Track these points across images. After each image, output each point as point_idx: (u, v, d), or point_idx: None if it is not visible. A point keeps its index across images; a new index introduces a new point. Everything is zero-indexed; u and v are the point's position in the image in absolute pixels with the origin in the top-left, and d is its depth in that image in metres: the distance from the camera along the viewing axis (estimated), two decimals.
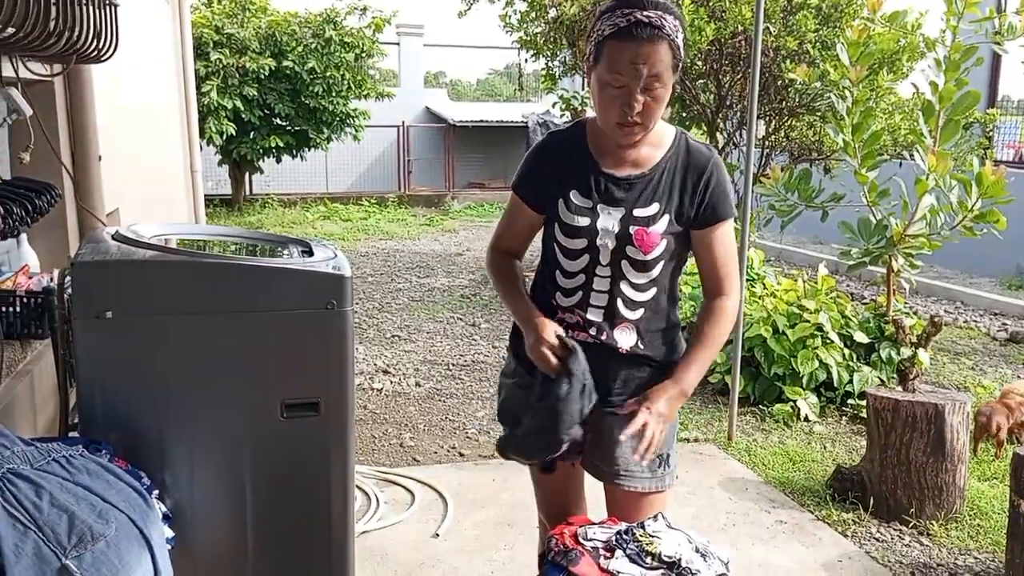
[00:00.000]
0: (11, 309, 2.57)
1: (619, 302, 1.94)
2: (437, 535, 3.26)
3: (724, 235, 1.96)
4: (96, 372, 2.00)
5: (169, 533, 1.92)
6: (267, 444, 2.14)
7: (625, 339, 1.95)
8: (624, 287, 1.93)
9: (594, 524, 1.90)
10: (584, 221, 1.91)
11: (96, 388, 2.00)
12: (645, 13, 1.75)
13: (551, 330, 1.90)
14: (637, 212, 1.90)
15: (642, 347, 1.97)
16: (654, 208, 1.90)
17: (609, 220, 1.90)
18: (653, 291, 1.95)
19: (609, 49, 1.78)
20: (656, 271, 1.93)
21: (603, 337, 1.95)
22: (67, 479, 1.69)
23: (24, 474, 1.63)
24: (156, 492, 1.95)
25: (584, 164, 1.95)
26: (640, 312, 1.96)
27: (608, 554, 1.77)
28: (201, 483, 2.11)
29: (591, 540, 1.81)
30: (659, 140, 1.94)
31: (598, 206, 1.91)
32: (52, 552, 1.54)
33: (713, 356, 1.98)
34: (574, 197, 1.93)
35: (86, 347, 1.98)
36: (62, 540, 1.56)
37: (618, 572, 1.71)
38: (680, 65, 1.83)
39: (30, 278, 2.72)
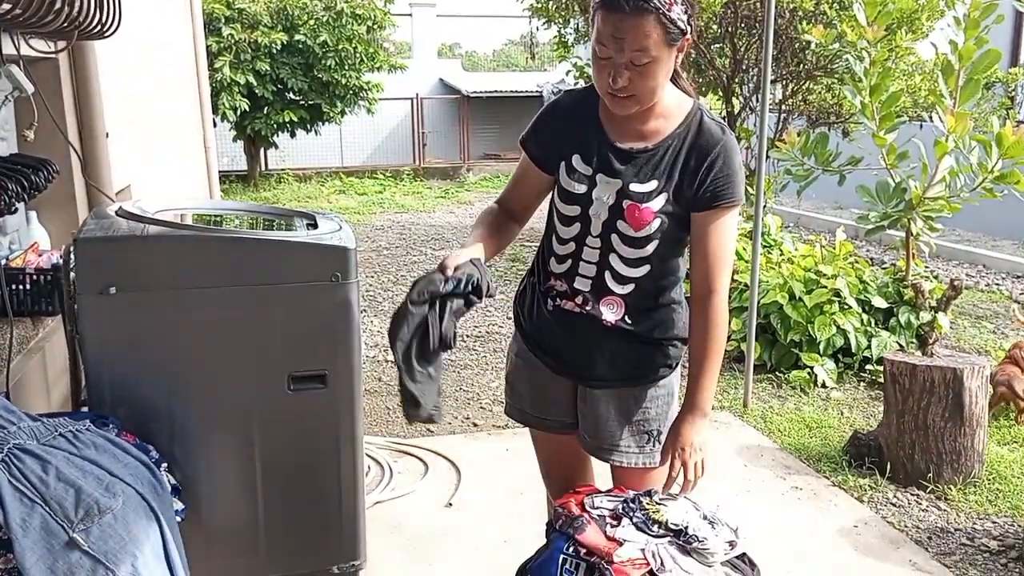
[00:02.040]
0: (21, 287, 2.59)
1: (607, 275, 1.89)
2: (450, 504, 3.28)
3: (722, 224, 1.86)
4: (103, 347, 2.01)
5: (179, 505, 1.94)
6: (275, 416, 2.15)
7: (611, 313, 1.90)
8: (614, 261, 1.87)
9: (601, 493, 1.89)
10: (581, 188, 1.87)
11: (103, 363, 2.01)
12: None
13: (454, 261, 1.77)
14: (633, 187, 1.83)
15: (629, 322, 1.91)
16: (652, 185, 1.83)
17: (605, 191, 1.85)
18: (646, 268, 1.89)
19: (597, 19, 1.72)
20: (649, 249, 1.86)
21: (588, 308, 1.90)
22: (74, 454, 1.70)
23: (30, 449, 1.64)
24: (165, 465, 1.96)
25: (591, 130, 1.90)
26: (630, 288, 1.90)
27: (615, 522, 1.76)
28: (210, 456, 2.12)
29: (598, 508, 1.81)
30: (671, 112, 1.86)
31: (597, 175, 1.86)
32: (59, 526, 1.55)
33: (718, 364, 1.92)
34: (575, 162, 1.88)
35: (92, 323, 1.99)
36: (69, 514, 1.57)
37: (624, 540, 1.70)
38: (681, 37, 1.73)
39: (40, 256, 2.74)
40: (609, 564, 1.67)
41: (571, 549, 1.74)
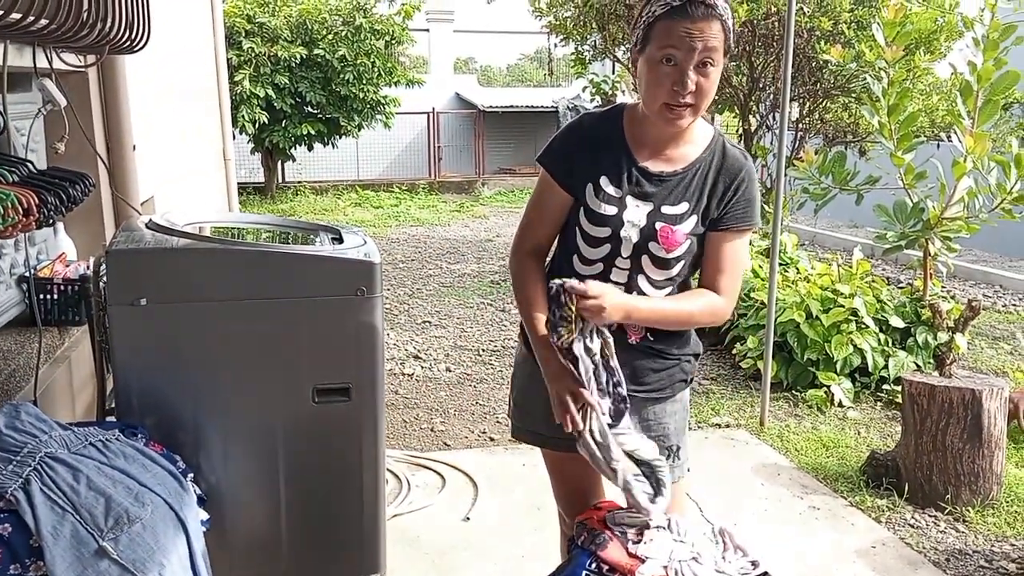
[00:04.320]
0: (49, 296, 2.63)
1: (634, 296, 1.89)
2: (468, 519, 3.29)
3: (738, 246, 1.91)
4: (131, 358, 2.04)
5: (204, 516, 1.95)
6: (299, 428, 2.17)
7: (634, 332, 1.92)
8: (642, 282, 1.89)
9: (622, 509, 1.89)
10: (611, 210, 1.87)
11: (132, 373, 2.04)
12: None
13: (569, 393, 1.79)
14: (665, 209, 1.86)
15: (652, 338, 1.94)
16: (683, 207, 1.87)
17: (636, 213, 1.86)
18: (669, 289, 1.92)
19: (662, 28, 1.75)
20: (676, 269, 1.89)
21: (612, 327, 1.89)
22: (104, 463, 1.72)
23: (62, 458, 1.67)
24: (191, 475, 1.98)
25: (619, 152, 1.91)
26: None
27: (637, 538, 1.77)
28: (235, 467, 2.14)
29: (619, 524, 1.81)
30: (696, 138, 1.91)
31: (627, 197, 1.87)
32: (89, 534, 1.57)
33: (669, 317, 1.89)
34: (604, 184, 1.88)
35: (121, 333, 2.02)
36: (99, 522, 1.59)
37: (647, 557, 1.71)
38: (729, 51, 1.79)
39: (67, 266, 2.78)
40: None
41: (593, 565, 1.75)
